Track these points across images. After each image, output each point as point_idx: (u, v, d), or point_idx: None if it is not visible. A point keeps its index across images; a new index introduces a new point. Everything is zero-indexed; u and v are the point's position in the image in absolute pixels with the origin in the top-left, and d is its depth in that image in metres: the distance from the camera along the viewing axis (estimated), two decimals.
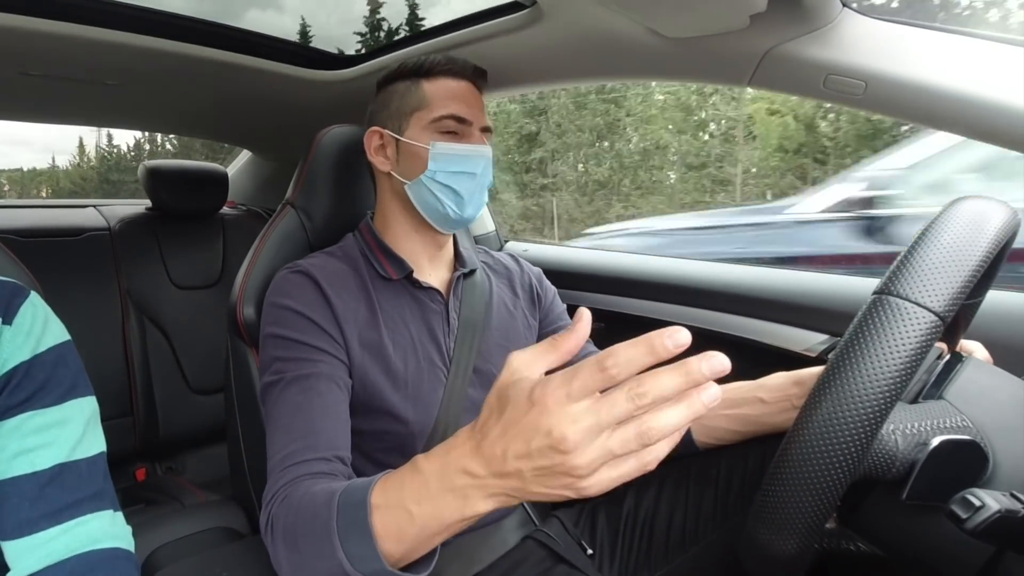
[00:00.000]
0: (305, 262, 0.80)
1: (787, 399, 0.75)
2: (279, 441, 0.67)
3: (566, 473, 0.39)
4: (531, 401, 0.39)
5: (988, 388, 0.55)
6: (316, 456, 0.65)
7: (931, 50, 0.73)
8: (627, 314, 1.22)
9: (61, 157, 48.94)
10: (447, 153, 0.79)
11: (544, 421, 0.38)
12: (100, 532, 0.56)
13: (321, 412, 0.68)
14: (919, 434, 0.51)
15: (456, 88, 0.81)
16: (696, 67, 0.92)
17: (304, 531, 0.54)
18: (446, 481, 0.45)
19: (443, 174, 0.79)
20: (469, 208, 0.81)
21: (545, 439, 0.38)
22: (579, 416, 0.38)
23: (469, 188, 0.80)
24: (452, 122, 0.80)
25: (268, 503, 0.61)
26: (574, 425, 0.38)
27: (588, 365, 0.38)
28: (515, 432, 0.40)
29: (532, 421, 0.39)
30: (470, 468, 0.44)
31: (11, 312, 0.57)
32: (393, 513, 0.48)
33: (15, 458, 0.54)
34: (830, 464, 0.45)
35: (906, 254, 0.49)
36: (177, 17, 1.10)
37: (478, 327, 0.84)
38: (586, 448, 0.38)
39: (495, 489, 0.43)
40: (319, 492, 0.56)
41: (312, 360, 0.72)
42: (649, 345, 0.36)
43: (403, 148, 0.82)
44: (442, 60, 0.82)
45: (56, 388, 0.57)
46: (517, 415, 0.40)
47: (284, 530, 0.57)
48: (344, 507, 0.52)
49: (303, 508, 0.56)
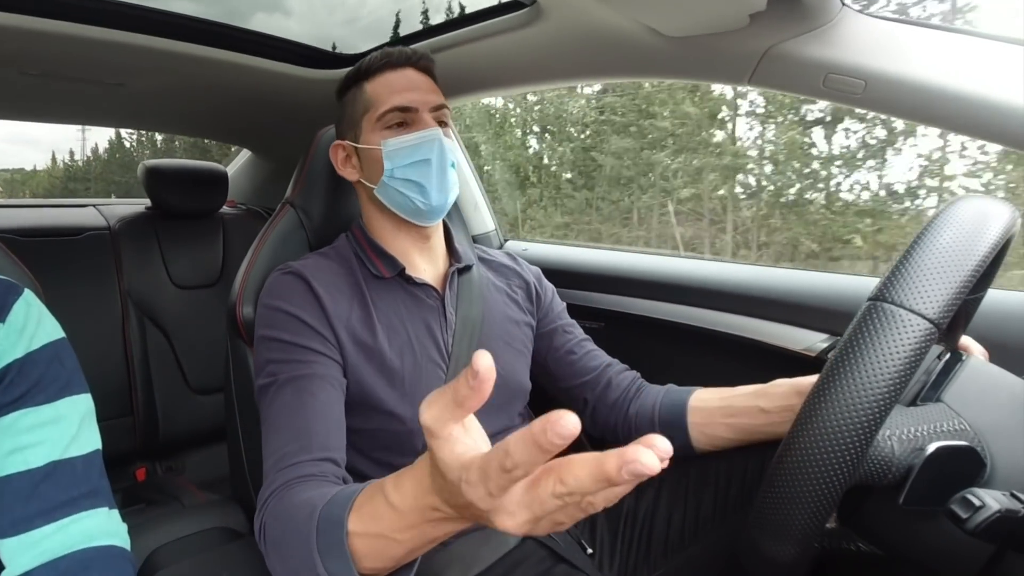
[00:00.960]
0: (297, 263, 0.80)
1: (790, 409, 0.72)
2: (273, 443, 0.67)
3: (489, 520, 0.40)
4: (465, 496, 0.39)
5: (987, 390, 0.54)
6: (308, 458, 0.65)
7: (931, 49, 0.73)
8: (627, 313, 1.22)
9: (60, 157, 49.16)
10: (398, 147, 0.79)
11: (484, 515, 0.39)
12: (95, 529, 0.56)
13: (314, 413, 0.68)
14: (916, 439, 0.51)
15: (396, 80, 0.81)
16: (696, 66, 0.92)
17: (289, 543, 0.55)
18: (422, 514, 0.46)
19: (400, 169, 0.79)
20: (435, 194, 0.80)
21: (493, 520, 0.39)
22: (514, 510, 0.38)
23: (428, 174, 0.79)
24: (396, 114, 0.80)
25: (260, 509, 0.62)
26: (512, 519, 0.38)
27: (494, 466, 0.36)
28: (465, 503, 0.40)
29: (476, 511, 0.40)
30: (442, 508, 0.44)
31: (4, 310, 0.57)
32: (375, 540, 0.49)
33: (9, 456, 0.54)
34: (825, 471, 0.45)
35: (901, 259, 0.48)
36: (177, 16, 1.09)
37: (476, 322, 0.84)
38: (534, 525, 0.38)
39: (471, 517, 0.44)
40: (301, 505, 0.57)
41: (305, 361, 0.72)
42: (535, 443, 0.33)
43: (362, 154, 0.83)
44: (377, 56, 0.82)
45: (50, 386, 0.57)
46: (458, 498, 0.40)
47: (272, 540, 0.59)
48: (323, 526, 0.53)
49: (287, 520, 0.57)
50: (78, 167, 39.61)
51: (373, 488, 0.51)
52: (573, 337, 0.94)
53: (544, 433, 0.33)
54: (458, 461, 0.39)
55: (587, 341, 0.95)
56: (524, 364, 0.90)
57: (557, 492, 0.35)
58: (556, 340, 0.93)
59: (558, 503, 0.35)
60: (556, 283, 1.01)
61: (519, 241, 1.58)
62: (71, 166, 40.13)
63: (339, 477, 0.65)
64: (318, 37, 19.27)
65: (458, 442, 0.40)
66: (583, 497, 0.34)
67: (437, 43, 1.10)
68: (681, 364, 1.18)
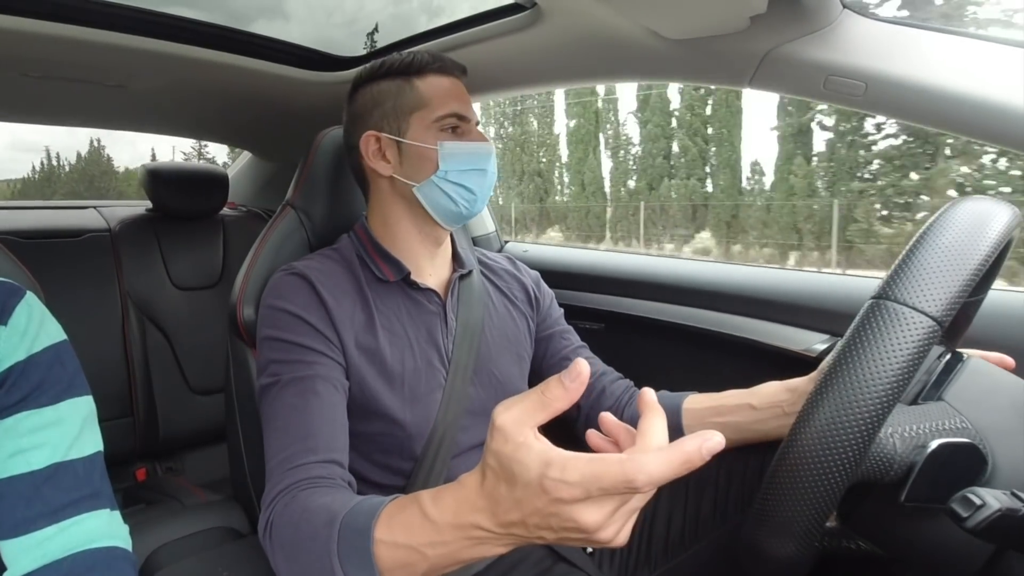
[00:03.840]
0: (300, 264, 0.79)
1: (778, 406, 0.74)
2: (277, 443, 0.67)
3: (588, 540, 0.41)
4: (543, 489, 0.39)
5: (988, 389, 0.55)
6: (315, 460, 0.65)
7: (931, 51, 0.73)
8: (627, 314, 1.22)
9: None
10: (457, 152, 0.79)
11: (566, 512, 0.39)
12: (97, 531, 0.56)
13: (318, 414, 0.68)
14: (917, 436, 0.51)
15: (451, 86, 0.81)
16: (696, 68, 0.92)
17: (303, 547, 0.55)
18: (460, 532, 0.46)
19: (455, 173, 0.79)
20: (480, 203, 0.81)
21: (568, 523, 0.40)
22: (602, 507, 0.39)
23: (481, 184, 0.80)
24: (455, 119, 0.79)
25: (267, 508, 0.62)
26: (597, 515, 0.39)
27: (615, 478, 0.38)
28: (532, 511, 0.41)
29: (552, 510, 0.40)
30: (485, 526, 0.44)
31: (6, 312, 0.57)
32: (402, 551, 0.49)
33: (11, 458, 0.54)
34: (827, 469, 0.45)
35: (904, 257, 0.49)
36: (178, 19, 1.10)
37: (477, 327, 0.84)
38: (609, 525, 0.40)
39: (512, 541, 0.45)
40: (318, 510, 0.57)
41: (308, 362, 0.72)
42: (686, 459, 0.37)
43: (407, 150, 0.80)
44: (430, 58, 0.81)
45: (52, 388, 0.57)
46: (530, 497, 0.40)
47: (282, 543, 0.58)
48: (346, 533, 0.52)
49: (302, 524, 0.57)
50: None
51: (406, 500, 0.51)
52: (569, 344, 0.94)
53: (699, 451, 0.37)
54: (540, 458, 0.39)
55: (583, 348, 0.95)
56: (522, 370, 0.90)
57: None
58: (552, 346, 0.94)
59: (644, 501, 0.40)
60: (555, 285, 1.01)
61: (519, 243, 1.58)
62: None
63: (346, 480, 0.65)
64: (318, 39, 19.36)
65: (534, 445, 0.40)
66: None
67: (437, 45, 1.11)
68: (681, 365, 1.18)
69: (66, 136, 60.27)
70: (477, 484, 0.44)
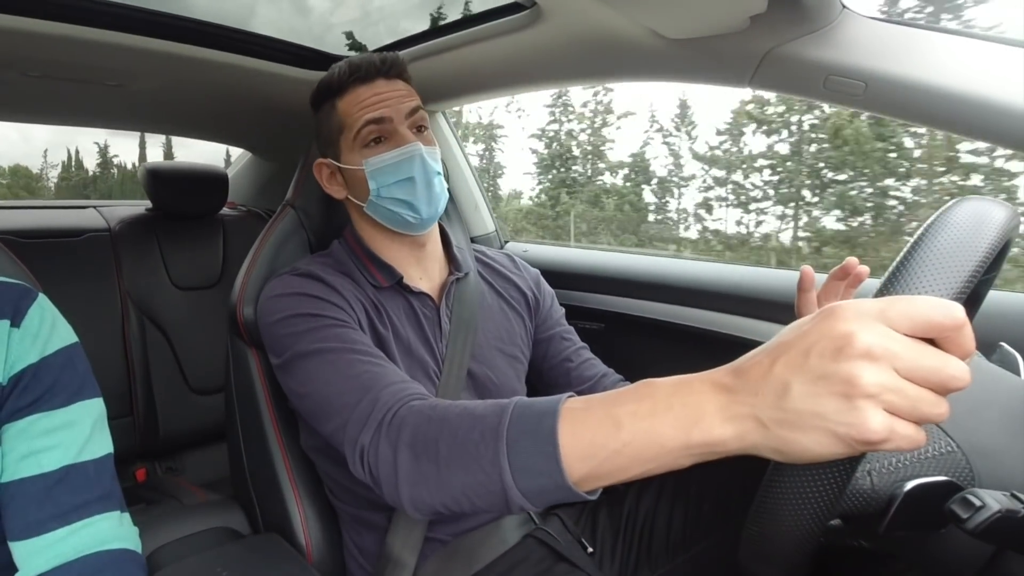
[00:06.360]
0: (303, 265, 0.80)
1: None
2: (351, 395, 0.62)
3: (844, 391, 0.33)
4: (825, 314, 0.34)
5: (978, 405, 0.52)
6: (409, 388, 0.62)
7: (931, 50, 0.73)
8: (626, 314, 1.22)
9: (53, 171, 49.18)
10: (379, 166, 0.78)
11: (839, 326, 0.33)
12: (108, 533, 0.56)
13: (385, 363, 0.67)
14: (895, 471, 0.49)
15: (365, 94, 0.80)
16: (696, 68, 0.92)
17: (449, 438, 0.50)
18: (681, 392, 0.40)
19: (385, 188, 0.79)
20: (425, 207, 0.80)
21: (831, 341, 0.33)
22: (883, 331, 0.32)
23: (414, 191, 0.79)
24: (372, 127, 0.79)
25: (380, 419, 0.58)
26: (871, 333, 0.32)
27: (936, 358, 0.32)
28: (790, 343, 0.35)
29: (821, 327, 0.34)
30: (719, 379, 0.38)
31: (19, 315, 0.57)
32: (593, 421, 0.42)
33: (23, 460, 0.54)
34: (804, 509, 0.43)
35: (899, 262, 0.48)
36: (177, 18, 1.10)
37: (471, 329, 0.84)
38: (877, 363, 0.32)
39: (742, 409, 0.37)
40: (473, 403, 0.52)
41: (344, 324, 0.71)
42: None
43: (346, 173, 0.82)
44: (345, 70, 0.80)
45: (64, 390, 0.57)
46: (799, 331, 0.35)
47: (415, 436, 0.54)
48: (522, 413, 0.47)
49: (449, 415, 0.53)
50: None
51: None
52: (571, 345, 0.94)
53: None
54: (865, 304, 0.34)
55: (584, 349, 0.95)
56: (518, 371, 0.90)
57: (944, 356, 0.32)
58: (553, 347, 0.93)
59: (934, 365, 0.32)
60: (556, 284, 1.01)
61: (519, 243, 1.58)
62: None
63: None
64: (318, 38, 19.18)
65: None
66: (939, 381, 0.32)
67: (437, 45, 1.11)
68: (681, 365, 1.17)
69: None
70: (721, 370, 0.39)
